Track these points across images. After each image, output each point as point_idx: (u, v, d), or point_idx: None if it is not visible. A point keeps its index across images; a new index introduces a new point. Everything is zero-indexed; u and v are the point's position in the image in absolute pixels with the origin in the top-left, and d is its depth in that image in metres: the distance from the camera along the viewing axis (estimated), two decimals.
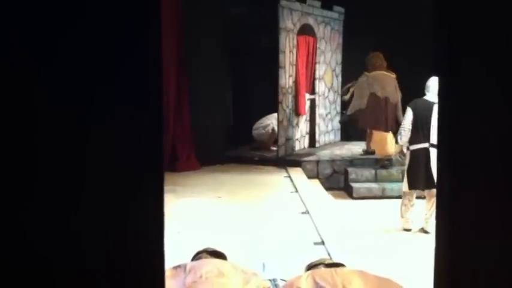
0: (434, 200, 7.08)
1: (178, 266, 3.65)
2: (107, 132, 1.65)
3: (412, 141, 7.22)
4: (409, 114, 7.26)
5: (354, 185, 9.75)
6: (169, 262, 2.19)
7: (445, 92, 1.90)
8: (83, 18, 1.60)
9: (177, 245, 5.02)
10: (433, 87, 6.95)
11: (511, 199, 1.84)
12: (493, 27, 1.80)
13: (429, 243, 2.55)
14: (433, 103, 6.93)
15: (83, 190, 1.66)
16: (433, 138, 6.86)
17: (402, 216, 7.46)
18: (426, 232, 7.18)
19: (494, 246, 1.88)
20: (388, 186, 9.48)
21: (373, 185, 9.75)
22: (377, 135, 10.05)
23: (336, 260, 4.35)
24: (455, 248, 1.92)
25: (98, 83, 1.63)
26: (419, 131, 7.11)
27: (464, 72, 1.82)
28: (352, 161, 10.40)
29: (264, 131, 11.46)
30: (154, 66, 1.65)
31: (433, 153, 6.88)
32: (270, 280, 4.35)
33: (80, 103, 1.63)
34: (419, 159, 7.13)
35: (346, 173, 10.10)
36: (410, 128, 7.21)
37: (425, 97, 7.15)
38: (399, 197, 7.67)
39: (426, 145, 7.06)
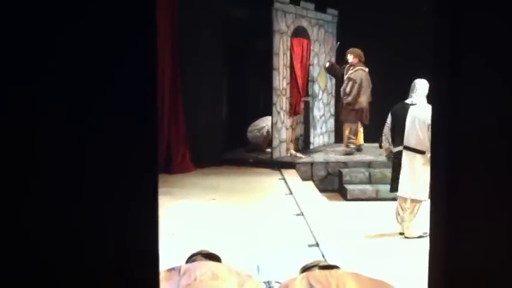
0: (417, 207, 7.13)
1: (173, 269, 3.65)
2: (103, 132, 1.65)
3: (394, 143, 7.42)
4: (388, 119, 7.52)
5: (348, 186, 9.76)
6: (163, 264, 2.19)
7: (443, 93, 1.90)
8: (78, 19, 1.60)
9: (172, 247, 5.01)
10: (416, 90, 7.08)
11: (508, 204, 1.84)
12: (495, 25, 1.79)
13: (424, 244, 2.55)
14: (409, 105, 7.15)
15: (78, 192, 1.65)
16: (406, 141, 7.12)
17: (396, 219, 7.47)
18: (406, 237, 7.23)
19: (489, 249, 1.88)
20: (382, 188, 9.47)
21: (367, 187, 9.76)
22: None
23: (330, 262, 4.35)
24: (449, 250, 1.92)
25: (93, 84, 1.63)
26: (398, 134, 7.29)
27: (465, 72, 1.82)
28: (346, 163, 10.41)
29: (259, 134, 11.45)
30: (149, 66, 1.65)
31: (405, 156, 7.16)
32: (264, 282, 4.35)
33: (74, 104, 1.62)
34: (398, 162, 7.30)
35: (340, 174, 10.11)
36: (389, 132, 7.44)
37: (406, 100, 7.25)
38: (393, 199, 7.68)
39: (401, 148, 7.20)
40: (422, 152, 7.02)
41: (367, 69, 10.73)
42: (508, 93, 1.81)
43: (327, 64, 11.29)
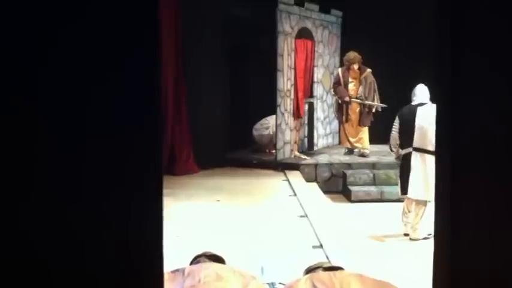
0: (423, 209, 7.11)
1: (177, 270, 3.64)
2: (106, 133, 1.65)
3: (402, 146, 7.37)
4: (396, 122, 7.47)
5: (352, 188, 9.74)
6: (167, 266, 2.19)
7: (445, 93, 1.90)
8: (80, 19, 1.60)
9: (176, 248, 5.01)
10: (419, 92, 7.10)
11: (510, 206, 1.83)
12: (496, 26, 1.79)
13: (428, 246, 2.54)
14: (416, 107, 7.13)
15: (81, 192, 1.65)
16: (417, 142, 7.06)
17: (402, 220, 7.45)
18: (411, 239, 7.20)
19: (494, 249, 1.87)
20: (386, 189, 9.47)
21: (372, 188, 9.73)
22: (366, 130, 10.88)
23: (334, 264, 4.34)
24: (454, 251, 1.92)
25: (95, 85, 1.63)
26: (406, 136, 7.24)
27: (466, 72, 1.81)
28: (351, 164, 10.40)
29: (266, 132, 11.41)
30: (152, 67, 1.65)
31: (415, 157, 7.09)
32: (268, 284, 4.35)
33: (78, 105, 1.62)
34: (408, 164, 7.24)
35: (344, 176, 10.09)
36: (397, 135, 7.39)
37: (412, 102, 7.25)
38: (398, 200, 7.66)
39: (410, 150, 7.15)
40: (432, 153, 7.00)
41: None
42: (509, 93, 1.80)
43: (346, 98, 10.77)
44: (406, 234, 7.35)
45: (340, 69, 11.06)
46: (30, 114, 1.59)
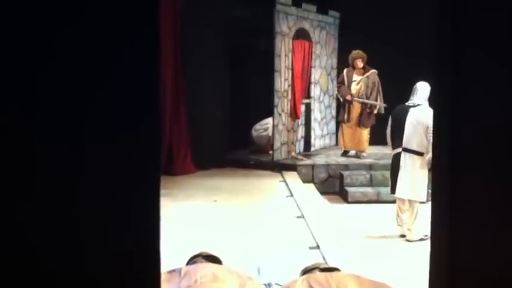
0: (416, 209, 7.14)
1: (173, 271, 3.64)
2: (106, 133, 1.65)
3: (393, 145, 7.45)
4: (389, 121, 7.56)
5: (349, 189, 9.75)
6: (164, 266, 2.18)
7: (445, 93, 1.89)
8: (80, 19, 1.60)
9: (173, 248, 5.00)
10: (419, 92, 7.11)
11: (510, 206, 1.83)
12: (497, 25, 1.79)
13: (425, 246, 2.55)
14: (409, 107, 7.18)
15: (81, 191, 1.65)
16: (406, 142, 7.13)
17: (396, 221, 7.47)
18: (408, 240, 7.22)
19: (492, 250, 1.87)
20: (383, 190, 9.46)
21: (368, 189, 9.75)
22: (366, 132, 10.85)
23: (331, 264, 4.34)
24: (451, 252, 1.92)
25: (95, 84, 1.62)
26: (397, 136, 7.29)
27: (466, 71, 1.81)
28: (347, 165, 10.40)
29: (264, 134, 11.41)
30: (153, 67, 1.65)
31: (404, 157, 7.17)
32: (265, 285, 4.35)
33: (77, 104, 1.62)
34: (397, 164, 7.31)
35: (341, 177, 10.10)
36: (389, 134, 7.51)
37: (406, 103, 7.26)
38: (394, 201, 7.67)
39: (400, 150, 7.17)
40: (421, 154, 7.06)
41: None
42: (510, 93, 1.80)
43: (348, 97, 10.79)
44: (402, 236, 7.37)
45: (345, 70, 11.09)
46: (30, 114, 1.59)
